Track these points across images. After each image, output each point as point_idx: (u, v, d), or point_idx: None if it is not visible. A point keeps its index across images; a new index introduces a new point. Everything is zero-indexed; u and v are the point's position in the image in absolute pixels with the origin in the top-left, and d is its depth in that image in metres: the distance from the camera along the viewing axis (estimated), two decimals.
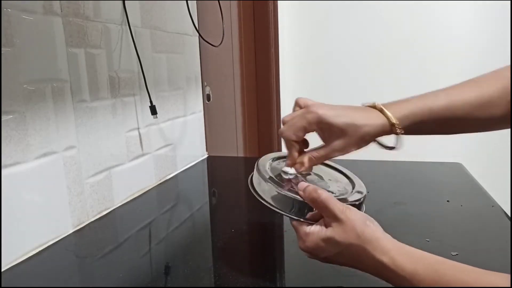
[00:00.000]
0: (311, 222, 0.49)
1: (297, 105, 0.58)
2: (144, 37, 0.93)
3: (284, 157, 0.62)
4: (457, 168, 1.04)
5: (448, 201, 0.81)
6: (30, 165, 0.63)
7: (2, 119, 0.58)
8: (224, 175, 1.18)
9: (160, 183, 1.00)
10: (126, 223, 0.79)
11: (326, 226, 0.47)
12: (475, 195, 0.85)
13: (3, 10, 0.57)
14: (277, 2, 1.76)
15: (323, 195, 0.47)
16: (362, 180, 0.59)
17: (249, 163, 1.36)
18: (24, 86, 0.61)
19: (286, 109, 1.97)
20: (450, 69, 1.81)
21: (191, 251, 0.66)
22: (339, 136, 0.54)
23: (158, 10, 0.98)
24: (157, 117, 0.94)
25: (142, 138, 0.93)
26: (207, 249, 0.68)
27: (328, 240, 0.46)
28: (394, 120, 0.53)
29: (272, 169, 0.59)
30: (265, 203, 0.53)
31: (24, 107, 0.61)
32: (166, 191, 0.98)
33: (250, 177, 0.58)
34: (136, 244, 0.70)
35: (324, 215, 0.47)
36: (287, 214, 0.51)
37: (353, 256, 0.45)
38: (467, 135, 1.96)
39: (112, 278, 0.58)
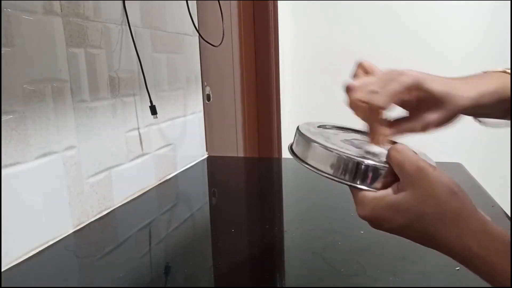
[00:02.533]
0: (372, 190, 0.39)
1: (362, 68, 0.45)
2: (144, 37, 0.93)
3: (324, 125, 0.52)
4: (457, 168, 1.04)
5: None
6: (30, 165, 0.63)
7: (2, 119, 0.58)
8: (224, 175, 1.18)
9: (160, 183, 1.00)
10: (126, 223, 0.79)
11: (398, 190, 0.37)
12: (475, 195, 0.84)
13: (3, 10, 0.57)
14: (277, 2, 1.76)
15: (403, 150, 0.37)
16: None
17: (249, 163, 1.36)
18: (24, 86, 0.61)
19: (286, 109, 1.97)
20: (452, 68, 1.81)
21: (191, 251, 0.66)
22: (433, 107, 0.43)
23: (158, 10, 0.98)
24: (157, 117, 0.94)
25: (142, 138, 0.93)
26: (207, 249, 0.68)
27: (396, 208, 0.36)
28: None
29: (315, 134, 0.48)
30: (317, 171, 0.42)
31: (24, 107, 0.61)
32: (166, 191, 0.98)
33: (289, 146, 0.47)
34: (136, 244, 0.70)
35: (399, 175, 0.37)
36: (343, 181, 0.41)
37: (426, 231, 0.36)
38: (467, 135, 1.97)
39: (112, 278, 0.58)
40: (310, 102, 2.01)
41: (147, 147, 0.95)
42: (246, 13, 1.67)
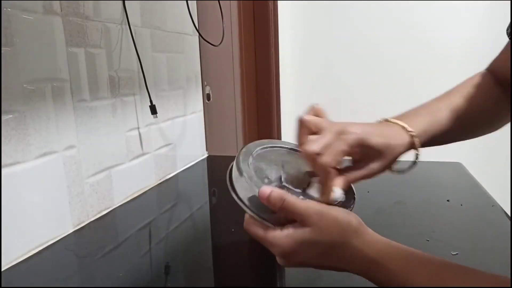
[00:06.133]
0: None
1: (306, 126, 0.50)
2: (144, 36, 0.93)
3: (275, 146, 0.56)
4: (457, 168, 1.04)
5: (448, 201, 0.81)
6: (30, 165, 0.63)
7: (2, 119, 0.58)
8: (224, 175, 1.17)
9: (160, 183, 1.00)
10: (126, 222, 0.79)
11: (302, 226, 0.43)
12: (475, 195, 0.85)
13: (3, 10, 0.57)
14: (277, 2, 1.76)
15: (290, 199, 0.43)
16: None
17: None
18: (24, 85, 0.61)
19: (286, 109, 1.97)
20: (452, 68, 1.81)
21: (191, 251, 0.66)
22: (375, 157, 0.51)
23: (158, 9, 0.98)
24: (157, 117, 0.94)
25: (142, 137, 0.93)
26: (207, 249, 0.68)
27: (308, 240, 0.42)
28: (415, 134, 0.52)
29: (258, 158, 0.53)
30: (241, 204, 0.49)
31: (24, 106, 0.61)
32: (166, 191, 0.97)
33: (229, 169, 0.52)
34: (136, 244, 0.70)
35: (298, 220, 0.43)
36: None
37: (336, 255, 0.42)
38: None
39: (112, 278, 0.58)
40: (310, 102, 2.00)
41: (147, 146, 0.95)
42: (246, 13, 1.67)
